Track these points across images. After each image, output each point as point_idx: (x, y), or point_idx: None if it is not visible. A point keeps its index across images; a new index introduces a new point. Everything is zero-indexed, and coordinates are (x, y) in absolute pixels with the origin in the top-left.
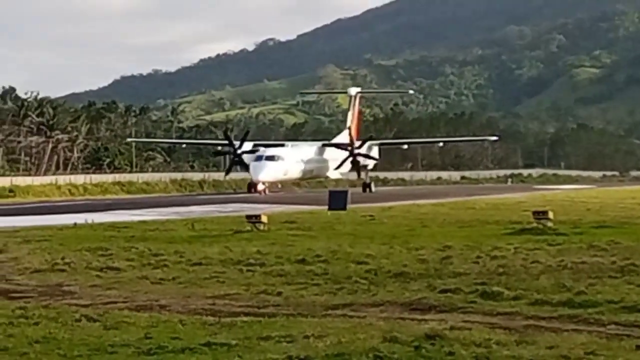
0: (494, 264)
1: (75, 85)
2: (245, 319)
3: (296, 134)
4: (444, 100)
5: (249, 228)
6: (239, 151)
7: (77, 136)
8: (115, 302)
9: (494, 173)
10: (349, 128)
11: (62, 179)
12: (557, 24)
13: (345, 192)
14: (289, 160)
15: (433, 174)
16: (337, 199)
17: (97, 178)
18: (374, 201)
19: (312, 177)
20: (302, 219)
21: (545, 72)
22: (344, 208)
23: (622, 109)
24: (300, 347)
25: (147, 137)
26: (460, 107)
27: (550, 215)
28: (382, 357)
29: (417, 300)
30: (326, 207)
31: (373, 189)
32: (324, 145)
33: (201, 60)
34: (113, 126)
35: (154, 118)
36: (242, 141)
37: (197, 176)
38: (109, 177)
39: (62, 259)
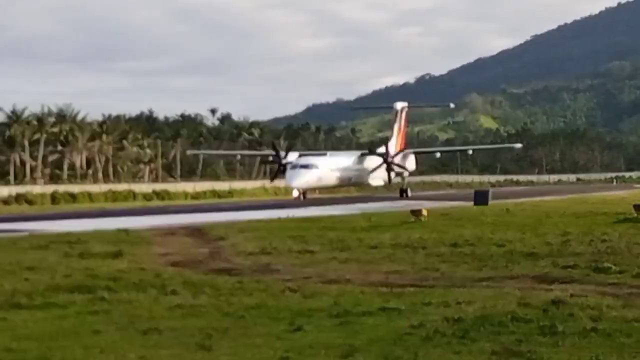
0: (604, 245)
1: (278, 111)
2: (411, 289)
3: (449, 146)
4: (562, 120)
5: (413, 219)
6: (283, 161)
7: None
8: (311, 277)
9: (602, 175)
10: (393, 139)
11: (268, 184)
12: None
13: (487, 191)
14: (323, 169)
15: (555, 177)
16: (481, 197)
17: None
18: (509, 198)
19: (351, 184)
20: (454, 212)
21: None
22: (486, 203)
23: None
24: (454, 311)
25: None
26: (575, 125)
27: None
28: (517, 318)
29: (544, 274)
30: (472, 203)
31: (409, 193)
32: (363, 155)
33: (374, 91)
34: (307, 142)
35: (337, 135)
36: (287, 152)
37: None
38: None
39: (270, 244)
